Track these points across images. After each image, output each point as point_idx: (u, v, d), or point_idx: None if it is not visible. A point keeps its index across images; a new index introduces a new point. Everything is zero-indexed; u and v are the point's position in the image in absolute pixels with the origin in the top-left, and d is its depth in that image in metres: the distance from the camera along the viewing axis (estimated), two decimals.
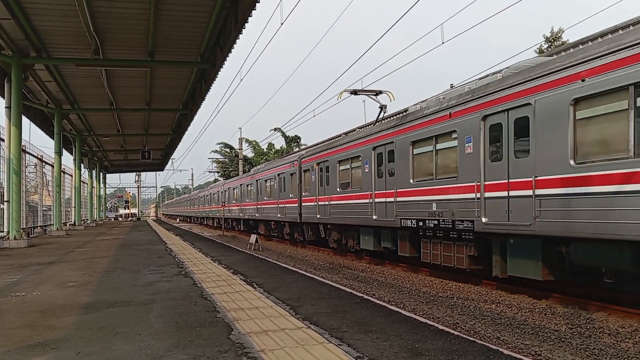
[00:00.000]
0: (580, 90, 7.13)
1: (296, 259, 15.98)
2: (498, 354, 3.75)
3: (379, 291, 9.79)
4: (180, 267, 8.99)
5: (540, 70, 8.04)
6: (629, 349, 6.15)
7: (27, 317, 4.90)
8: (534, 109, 8.00)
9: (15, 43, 13.59)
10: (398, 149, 12.02)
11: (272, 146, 59.56)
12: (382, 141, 12.70)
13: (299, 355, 3.58)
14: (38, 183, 21.09)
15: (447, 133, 10.29)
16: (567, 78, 7.43)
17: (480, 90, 9.43)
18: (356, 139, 14.53)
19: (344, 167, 15.08)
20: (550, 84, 7.74)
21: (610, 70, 6.76)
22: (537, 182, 7.91)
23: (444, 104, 10.49)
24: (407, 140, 11.67)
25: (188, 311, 5.13)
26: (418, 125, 11.33)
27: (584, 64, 7.15)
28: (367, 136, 13.64)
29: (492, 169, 8.98)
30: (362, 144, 13.90)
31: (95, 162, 38.25)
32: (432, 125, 10.79)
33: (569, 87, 7.34)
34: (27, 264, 9.56)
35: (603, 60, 6.88)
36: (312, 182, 17.74)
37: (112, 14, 12.31)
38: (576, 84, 7.21)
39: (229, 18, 13.05)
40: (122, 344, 3.93)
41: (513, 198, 8.43)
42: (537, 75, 8.02)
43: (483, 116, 9.14)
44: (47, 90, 18.81)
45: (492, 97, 8.93)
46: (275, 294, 6.22)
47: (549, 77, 7.76)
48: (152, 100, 20.86)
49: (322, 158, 17.06)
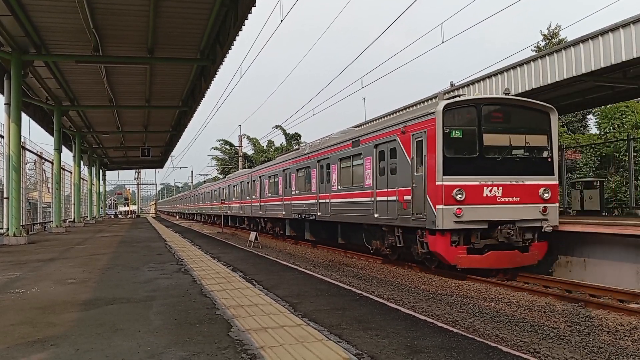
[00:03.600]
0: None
1: (296, 256, 15.99)
2: (497, 351, 3.76)
3: (378, 288, 9.79)
4: (180, 264, 8.99)
5: (400, 120, 12.29)
6: (628, 347, 6.16)
7: (26, 314, 4.90)
8: (399, 141, 11.77)
9: (15, 40, 13.56)
10: (332, 163, 15.92)
11: (272, 143, 59.53)
12: (323, 156, 16.69)
13: (298, 352, 3.59)
14: (38, 180, 21.05)
15: (358, 154, 14.03)
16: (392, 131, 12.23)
17: (375, 126, 14.25)
18: (307, 153, 18.69)
19: (300, 174, 19.27)
20: (386, 134, 12.50)
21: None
22: (399, 191, 11.71)
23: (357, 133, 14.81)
24: (336, 157, 15.53)
25: (187, 308, 5.13)
26: (343, 147, 15.05)
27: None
28: (315, 151, 17.64)
29: (380, 181, 12.74)
30: (311, 157, 17.80)
31: (95, 159, 38.23)
32: (349, 148, 14.57)
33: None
34: (26, 260, 9.56)
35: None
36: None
37: (112, 11, 12.28)
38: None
39: (228, 15, 13.02)
40: (121, 340, 3.94)
41: (391, 202, 12.06)
42: (398, 122, 12.17)
43: (374, 145, 13.00)
44: (47, 87, 18.79)
45: (376, 134, 13.12)
46: (275, 291, 6.22)
47: (393, 127, 12.22)
48: (151, 97, 20.84)
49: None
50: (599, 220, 12.35)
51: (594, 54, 11.03)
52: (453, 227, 10.14)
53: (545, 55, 12.63)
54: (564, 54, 11.88)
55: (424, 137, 10.71)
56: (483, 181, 10.35)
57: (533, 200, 10.69)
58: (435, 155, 10.27)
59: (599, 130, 26.29)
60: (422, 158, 10.83)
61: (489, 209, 10.36)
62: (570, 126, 28.31)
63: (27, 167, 18.18)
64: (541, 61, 12.62)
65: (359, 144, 13.94)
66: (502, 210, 10.44)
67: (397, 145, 11.81)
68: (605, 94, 16.49)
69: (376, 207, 12.79)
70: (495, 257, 10.34)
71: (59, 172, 21.75)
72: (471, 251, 10.37)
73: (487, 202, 10.36)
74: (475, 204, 10.26)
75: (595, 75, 12.60)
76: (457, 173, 10.26)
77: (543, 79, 12.52)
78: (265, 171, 24.52)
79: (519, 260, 10.60)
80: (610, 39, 10.61)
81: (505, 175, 10.54)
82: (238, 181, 31.15)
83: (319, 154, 17.07)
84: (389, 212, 12.17)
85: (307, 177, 18.31)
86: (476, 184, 10.31)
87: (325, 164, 16.44)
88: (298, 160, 19.43)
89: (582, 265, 10.92)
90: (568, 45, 11.90)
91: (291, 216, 19.87)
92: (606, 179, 21.05)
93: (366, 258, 14.82)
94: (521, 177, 10.66)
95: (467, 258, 10.27)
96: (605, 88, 15.34)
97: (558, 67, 12.07)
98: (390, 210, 12.12)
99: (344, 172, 15.14)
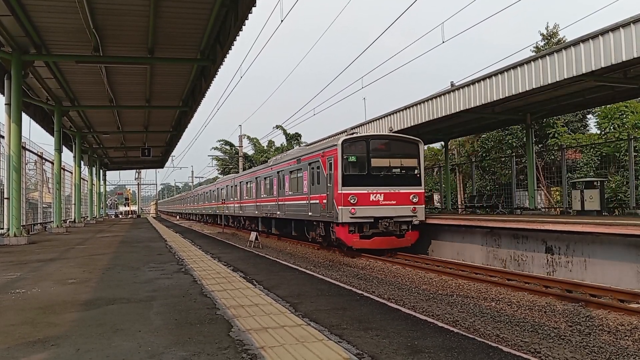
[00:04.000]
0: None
1: (296, 256, 15.99)
2: (497, 351, 3.75)
3: (379, 288, 9.80)
4: (180, 264, 8.99)
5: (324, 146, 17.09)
6: (629, 347, 6.16)
7: (27, 314, 4.90)
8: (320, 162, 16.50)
9: (15, 40, 13.56)
10: (285, 174, 20.64)
11: (272, 143, 59.55)
12: (280, 169, 21.52)
13: (298, 352, 3.59)
14: (38, 180, 21.06)
15: (299, 168, 18.81)
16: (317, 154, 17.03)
17: (309, 149, 19.39)
18: (271, 165, 23.64)
19: (267, 182, 23.85)
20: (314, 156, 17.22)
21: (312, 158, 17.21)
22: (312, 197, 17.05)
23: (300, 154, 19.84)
24: (288, 170, 20.36)
25: (188, 308, 5.13)
26: (289, 163, 20.41)
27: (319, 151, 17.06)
28: (276, 164, 22.55)
29: (312, 189, 17.26)
30: (274, 168, 22.67)
31: (95, 159, 38.23)
32: (293, 165, 19.77)
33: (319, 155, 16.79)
34: (27, 261, 9.56)
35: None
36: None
37: (112, 11, 12.28)
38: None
39: (229, 15, 13.02)
40: (121, 340, 3.94)
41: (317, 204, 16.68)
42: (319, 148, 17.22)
43: (308, 163, 17.73)
44: (47, 87, 18.79)
45: (308, 155, 18.09)
46: (275, 291, 6.22)
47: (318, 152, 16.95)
48: (152, 97, 20.84)
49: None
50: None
51: (594, 54, 11.02)
52: (350, 221, 14.87)
53: (545, 55, 12.62)
54: (564, 54, 11.87)
55: (333, 160, 15.51)
56: (370, 190, 15.12)
57: (405, 203, 15.39)
58: (337, 172, 15.09)
59: (599, 130, 26.27)
60: (331, 174, 15.57)
61: (374, 209, 15.10)
62: (570, 126, 28.28)
63: (27, 167, 18.18)
64: (541, 61, 12.61)
65: (300, 162, 18.88)
66: (384, 210, 15.14)
67: (320, 164, 16.63)
68: (605, 94, 16.49)
69: (310, 208, 17.46)
70: (379, 241, 15.03)
71: (59, 172, 21.74)
72: (362, 237, 15.01)
73: (373, 204, 15.10)
74: (365, 205, 14.98)
75: (596, 75, 12.60)
76: (352, 185, 15.01)
77: (543, 79, 12.52)
78: (244, 178, 29.79)
79: (396, 243, 15.31)
80: (611, 38, 10.60)
81: (386, 186, 15.29)
82: (224, 185, 36.15)
83: (278, 166, 22.03)
84: (316, 211, 16.84)
85: (270, 184, 23.19)
86: (365, 192, 15.06)
87: (282, 175, 21.22)
88: (265, 170, 24.48)
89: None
90: (568, 45, 11.89)
91: (262, 215, 24.86)
92: (607, 179, 21.04)
93: (366, 258, 14.92)
94: (397, 187, 15.38)
95: (360, 242, 15.01)
96: (605, 88, 15.33)
97: (558, 66, 12.07)
98: (317, 210, 16.76)
99: (292, 181, 19.93)
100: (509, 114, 19.52)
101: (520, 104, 17.74)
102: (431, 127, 21.45)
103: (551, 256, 11.84)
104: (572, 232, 10.91)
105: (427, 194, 35.30)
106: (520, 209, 21.24)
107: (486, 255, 14.08)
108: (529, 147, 19.90)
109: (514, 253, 13.09)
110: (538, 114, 20.08)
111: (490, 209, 22.73)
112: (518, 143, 27.36)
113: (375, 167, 15.40)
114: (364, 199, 14.96)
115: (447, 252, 15.79)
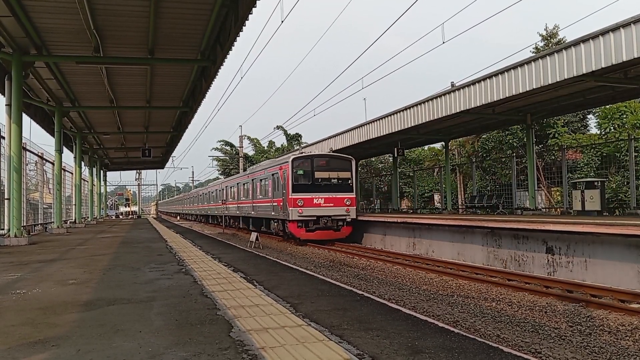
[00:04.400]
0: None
1: (296, 256, 15.99)
2: (498, 351, 3.75)
3: (379, 289, 9.80)
4: (181, 264, 8.99)
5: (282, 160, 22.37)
6: (629, 347, 6.16)
7: (27, 315, 4.90)
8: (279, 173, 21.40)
9: (16, 41, 13.57)
10: (257, 181, 25.86)
11: (272, 144, 59.55)
12: (254, 177, 26.59)
13: (299, 353, 3.59)
14: (39, 181, 21.05)
15: (266, 177, 23.81)
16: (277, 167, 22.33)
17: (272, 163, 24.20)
18: (248, 173, 29.44)
19: (246, 187, 28.90)
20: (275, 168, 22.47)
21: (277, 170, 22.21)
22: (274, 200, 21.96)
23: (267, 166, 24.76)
24: (259, 178, 25.48)
25: (188, 309, 5.13)
26: (259, 172, 25.59)
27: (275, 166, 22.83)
28: (252, 173, 27.96)
29: (274, 194, 22.12)
30: (250, 176, 27.99)
31: (96, 159, 38.23)
32: (262, 174, 24.73)
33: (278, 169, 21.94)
34: (27, 261, 9.56)
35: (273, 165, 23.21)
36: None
37: (113, 12, 12.28)
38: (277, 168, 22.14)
39: (229, 16, 13.02)
40: (122, 341, 3.94)
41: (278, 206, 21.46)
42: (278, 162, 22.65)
43: (271, 173, 22.66)
44: (48, 88, 18.80)
45: (272, 167, 23.12)
46: (276, 291, 6.22)
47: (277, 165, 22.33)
48: (152, 98, 20.84)
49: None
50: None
51: (594, 54, 11.01)
52: (298, 218, 19.70)
53: (545, 55, 12.61)
54: (565, 54, 11.86)
55: (286, 172, 20.37)
56: (313, 195, 20.00)
57: (340, 205, 20.23)
58: (289, 182, 20.01)
59: (599, 130, 26.26)
60: (285, 183, 20.38)
61: (316, 210, 19.89)
62: (570, 126, 28.27)
63: (28, 168, 18.18)
64: (541, 61, 12.61)
65: (266, 172, 23.92)
66: (324, 210, 19.97)
67: (278, 175, 21.55)
68: (605, 94, 16.48)
69: (272, 209, 22.29)
70: (320, 234, 19.95)
71: (59, 172, 21.75)
72: (308, 230, 19.90)
73: (316, 206, 19.90)
74: (309, 207, 19.81)
75: (596, 75, 12.60)
76: (300, 191, 19.96)
77: (544, 79, 12.51)
78: (229, 183, 35.67)
79: (334, 235, 20.18)
80: (611, 38, 10.59)
81: (325, 192, 20.21)
82: (214, 189, 41.67)
83: (253, 175, 27.29)
84: (277, 211, 21.64)
85: (247, 189, 28.42)
86: (310, 197, 19.94)
87: (255, 182, 26.37)
88: (244, 177, 29.96)
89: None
90: (568, 45, 11.88)
91: (242, 215, 29.90)
92: (607, 179, 21.03)
93: (367, 259, 14.94)
94: (334, 193, 20.29)
95: (306, 234, 19.89)
96: (605, 88, 15.32)
97: (558, 67, 12.06)
98: (277, 210, 21.57)
99: (262, 187, 24.83)
100: (510, 114, 19.52)
101: (520, 104, 17.74)
102: (431, 127, 21.47)
103: (552, 256, 11.82)
104: (573, 233, 10.91)
105: (427, 194, 36.23)
106: (520, 209, 21.24)
107: (487, 256, 14.09)
108: (530, 148, 19.90)
109: (514, 253, 13.09)
110: (538, 115, 20.07)
111: (490, 209, 22.77)
112: (518, 143, 27.35)
113: (318, 178, 20.43)
114: (309, 202, 19.91)
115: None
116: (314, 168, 20.42)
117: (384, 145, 27.51)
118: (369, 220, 21.26)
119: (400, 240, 18.86)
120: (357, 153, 32.50)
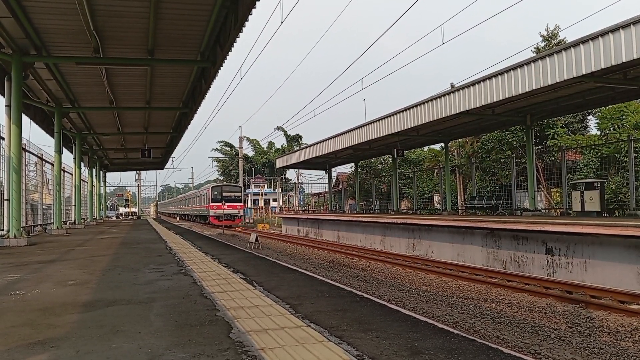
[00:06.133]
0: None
1: (296, 257, 15.99)
2: (498, 352, 3.75)
3: (379, 290, 9.80)
4: (180, 265, 8.99)
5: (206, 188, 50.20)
6: (629, 348, 6.16)
7: (27, 316, 4.90)
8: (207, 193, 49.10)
9: (16, 41, 13.58)
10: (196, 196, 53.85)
11: (272, 145, 59.58)
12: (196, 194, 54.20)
13: (298, 354, 3.59)
14: (38, 181, 21.04)
15: (201, 194, 50.12)
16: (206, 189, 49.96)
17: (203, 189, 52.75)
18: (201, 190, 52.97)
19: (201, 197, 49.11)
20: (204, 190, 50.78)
21: None
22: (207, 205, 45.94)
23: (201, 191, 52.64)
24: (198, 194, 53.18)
25: (188, 310, 5.13)
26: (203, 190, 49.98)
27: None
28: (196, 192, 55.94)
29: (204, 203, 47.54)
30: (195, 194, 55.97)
31: (96, 160, 38.22)
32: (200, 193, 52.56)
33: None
34: (27, 262, 9.56)
35: None
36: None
37: (112, 13, 12.29)
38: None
39: (229, 17, 13.03)
40: (122, 342, 3.93)
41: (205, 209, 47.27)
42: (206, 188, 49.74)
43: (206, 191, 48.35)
44: (47, 89, 18.80)
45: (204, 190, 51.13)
46: (275, 292, 6.21)
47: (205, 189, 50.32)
48: (152, 98, 20.84)
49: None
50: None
51: (594, 55, 11.03)
52: (214, 214, 42.21)
53: (545, 56, 12.63)
54: (564, 55, 11.88)
55: (209, 193, 44.21)
56: (222, 203, 41.64)
57: (236, 208, 43.26)
58: (210, 198, 43.45)
59: (599, 131, 26.27)
60: (208, 198, 44.01)
61: (223, 211, 40.37)
62: (570, 127, 28.29)
63: (27, 168, 18.18)
64: (541, 62, 12.62)
65: (201, 192, 49.11)
66: (227, 211, 40.79)
67: (206, 194, 45.75)
68: (605, 95, 16.50)
69: (205, 210, 45.02)
70: (225, 222, 38.23)
71: (59, 173, 21.74)
72: (219, 220, 39.79)
73: (222, 209, 40.69)
74: (220, 209, 41.06)
75: (596, 76, 12.62)
76: (215, 201, 42.77)
77: (543, 80, 12.52)
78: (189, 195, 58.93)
79: (232, 223, 41.54)
80: (611, 39, 10.60)
81: (228, 202, 42.08)
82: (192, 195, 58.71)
83: (195, 192, 54.54)
84: (206, 212, 44.57)
85: (199, 200, 48.98)
86: (220, 205, 41.63)
87: (195, 196, 52.95)
88: (192, 194, 55.40)
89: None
90: (568, 46, 11.90)
91: (199, 214, 49.31)
92: (607, 180, 21.04)
93: (367, 259, 14.94)
94: (232, 203, 42.77)
95: (218, 222, 39.94)
96: (605, 89, 15.34)
97: (558, 68, 12.07)
98: (206, 211, 44.33)
99: (198, 200, 49.08)
100: (509, 115, 19.54)
101: (520, 105, 17.75)
102: (431, 128, 21.50)
103: (551, 257, 11.82)
104: (572, 233, 10.91)
105: (427, 195, 36.49)
106: (520, 210, 21.25)
107: (486, 257, 14.10)
108: (529, 149, 19.91)
109: (514, 254, 13.09)
110: (538, 115, 20.09)
111: (490, 210, 22.77)
112: (518, 143, 27.37)
113: (225, 196, 41.89)
114: (219, 207, 40.98)
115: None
116: (222, 191, 43.10)
117: (384, 146, 27.54)
118: (369, 221, 21.25)
119: (400, 241, 18.83)
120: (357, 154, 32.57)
